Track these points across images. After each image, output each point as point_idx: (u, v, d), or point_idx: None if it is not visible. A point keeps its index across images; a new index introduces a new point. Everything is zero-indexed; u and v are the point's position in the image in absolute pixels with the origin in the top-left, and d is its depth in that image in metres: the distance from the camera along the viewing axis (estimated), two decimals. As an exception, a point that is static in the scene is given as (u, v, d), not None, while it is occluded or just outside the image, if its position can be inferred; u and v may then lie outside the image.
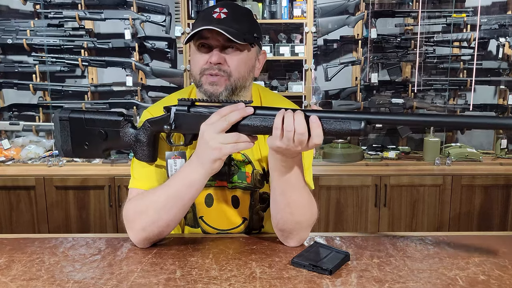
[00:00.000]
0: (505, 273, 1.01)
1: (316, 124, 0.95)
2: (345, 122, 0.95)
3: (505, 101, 3.07)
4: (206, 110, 1.06)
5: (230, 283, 0.96)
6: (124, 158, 2.80)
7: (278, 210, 1.12)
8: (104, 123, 1.15)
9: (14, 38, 2.90)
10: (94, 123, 1.15)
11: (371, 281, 0.97)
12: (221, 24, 1.10)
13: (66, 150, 1.19)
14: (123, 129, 1.14)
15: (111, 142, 1.16)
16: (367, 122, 0.94)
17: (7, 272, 1.02)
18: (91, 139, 1.16)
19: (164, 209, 1.08)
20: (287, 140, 0.96)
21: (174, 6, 2.87)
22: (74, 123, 1.17)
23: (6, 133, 3.08)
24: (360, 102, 3.04)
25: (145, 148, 1.14)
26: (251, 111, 1.01)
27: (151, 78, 3.04)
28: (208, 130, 1.01)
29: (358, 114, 0.96)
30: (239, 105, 1.01)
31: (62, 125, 1.17)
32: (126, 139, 1.15)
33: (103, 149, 1.18)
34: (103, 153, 1.19)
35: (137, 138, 1.14)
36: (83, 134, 1.16)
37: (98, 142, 1.16)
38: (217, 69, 1.13)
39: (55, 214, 2.65)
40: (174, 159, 1.14)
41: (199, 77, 1.15)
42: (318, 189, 2.62)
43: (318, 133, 0.95)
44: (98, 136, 1.15)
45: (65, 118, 1.17)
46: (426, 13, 2.96)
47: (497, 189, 2.70)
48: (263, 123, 1.00)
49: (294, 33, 2.92)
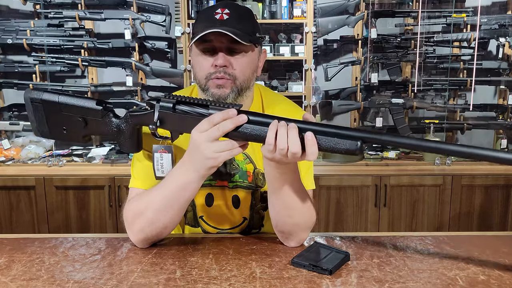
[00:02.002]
0: (505, 273, 1.01)
1: (311, 142, 0.91)
2: (341, 141, 0.91)
3: (505, 101, 3.07)
4: (191, 109, 1.01)
5: (230, 283, 0.96)
6: (124, 158, 2.80)
7: (276, 213, 1.11)
8: (82, 111, 1.08)
9: (14, 38, 2.90)
10: (71, 110, 1.09)
11: (371, 281, 0.97)
12: (224, 25, 1.09)
13: (43, 131, 1.12)
14: (104, 119, 1.09)
15: (92, 130, 1.11)
16: (363, 141, 0.90)
17: (7, 272, 1.02)
18: (69, 125, 1.10)
19: (161, 211, 1.07)
20: (279, 155, 0.93)
21: (174, 6, 2.87)
22: (48, 106, 1.09)
23: (6, 133, 3.08)
24: (360, 102, 3.04)
25: (128, 139, 1.10)
26: (244, 120, 0.95)
27: (151, 78, 3.04)
28: (201, 138, 0.97)
29: (354, 132, 0.91)
30: (230, 112, 0.95)
31: (34, 107, 1.10)
32: (108, 129, 1.10)
33: (83, 135, 1.12)
34: (83, 139, 1.13)
35: (120, 129, 1.10)
36: (60, 119, 1.10)
37: (77, 128, 1.10)
38: (223, 72, 1.11)
39: (55, 214, 2.65)
40: (160, 153, 1.11)
41: (205, 82, 1.13)
42: (318, 189, 2.62)
43: (313, 151, 0.91)
44: (77, 123, 1.09)
45: (37, 100, 1.09)
46: (426, 13, 2.96)
47: (497, 189, 2.70)
48: (256, 132, 0.96)
49: (294, 33, 2.92)
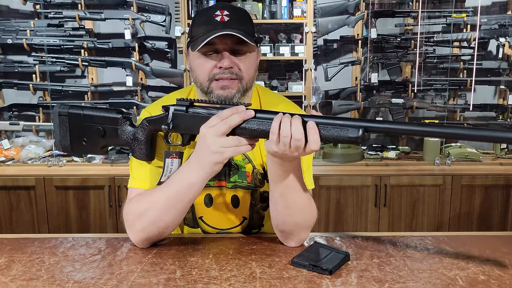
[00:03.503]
0: (505, 273, 1.01)
1: (313, 130, 0.93)
2: (343, 129, 0.93)
3: (505, 101, 3.08)
4: (204, 111, 1.05)
5: (230, 283, 0.96)
6: (124, 158, 2.80)
7: (277, 212, 1.12)
8: (103, 120, 1.14)
9: (14, 38, 2.90)
10: (93, 120, 1.15)
11: (371, 281, 0.97)
12: (227, 27, 1.10)
13: (65, 145, 1.18)
14: (121, 126, 1.13)
15: (109, 139, 1.15)
16: (365, 130, 0.92)
17: (7, 272, 1.02)
18: (89, 136, 1.16)
19: (164, 210, 1.08)
20: (283, 145, 0.95)
21: (174, 6, 2.87)
22: (72, 118, 1.16)
23: (6, 133, 3.08)
24: (360, 102, 3.04)
25: (143, 146, 1.13)
26: (251, 114, 0.99)
27: (151, 78, 3.04)
28: (209, 133, 0.99)
29: (356, 121, 0.94)
30: (239, 108, 0.99)
31: (61, 120, 1.16)
32: (124, 137, 1.14)
33: (101, 146, 1.17)
34: (101, 150, 1.18)
35: (135, 137, 1.13)
36: (82, 130, 1.16)
37: (96, 138, 1.15)
38: (229, 73, 1.12)
39: (55, 214, 2.65)
40: (171, 159, 1.13)
41: (208, 84, 1.13)
42: (318, 189, 2.62)
43: (315, 139, 0.93)
44: (96, 132, 1.14)
45: (64, 113, 1.16)
46: (426, 13, 2.96)
47: (497, 189, 2.70)
48: (261, 127, 0.98)
49: (294, 33, 2.92)
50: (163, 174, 1.13)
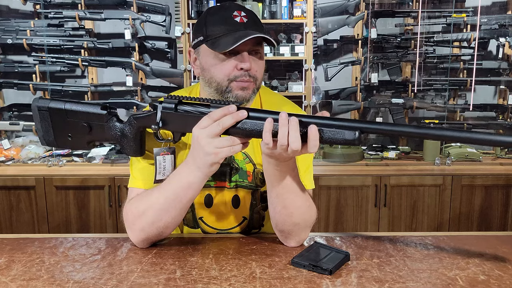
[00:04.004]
0: (505, 273, 1.01)
1: (314, 136, 0.91)
2: (339, 132, 0.92)
3: (505, 101, 3.07)
4: (194, 109, 1.02)
5: (230, 283, 0.96)
6: (124, 158, 2.79)
7: (275, 212, 1.11)
8: (87, 116, 1.10)
9: (14, 38, 2.90)
10: (77, 116, 1.10)
11: (371, 281, 0.97)
12: (248, 28, 1.10)
13: (49, 140, 1.14)
14: (108, 123, 1.10)
15: (96, 135, 1.12)
16: (361, 131, 0.91)
17: (7, 272, 1.02)
18: (75, 132, 1.12)
19: (163, 211, 1.08)
20: (280, 149, 0.94)
21: (174, 6, 2.87)
22: (54, 114, 1.11)
23: (6, 133, 3.08)
24: (360, 102, 3.04)
25: (132, 143, 1.11)
26: (244, 115, 0.96)
27: (151, 78, 3.04)
28: (202, 135, 0.98)
29: (352, 122, 0.92)
30: (230, 108, 0.97)
31: (41, 115, 1.11)
32: (112, 133, 1.11)
33: (87, 141, 1.14)
34: (88, 145, 1.15)
35: (123, 133, 1.11)
36: (65, 126, 1.11)
37: (82, 134, 1.12)
38: (248, 75, 1.12)
39: (55, 214, 2.65)
40: (163, 156, 1.12)
41: (228, 83, 1.12)
42: (318, 189, 2.62)
43: (315, 144, 0.92)
44: (82, 128, 1.11)
45: (44, 108, 1.11)
46: (426, 13, 2.96)
47: (497, 189, 2.70)
48: (256, 128, 0.96)
49: (294, 33, 2.92)
50: (156, 172, 1.12)
